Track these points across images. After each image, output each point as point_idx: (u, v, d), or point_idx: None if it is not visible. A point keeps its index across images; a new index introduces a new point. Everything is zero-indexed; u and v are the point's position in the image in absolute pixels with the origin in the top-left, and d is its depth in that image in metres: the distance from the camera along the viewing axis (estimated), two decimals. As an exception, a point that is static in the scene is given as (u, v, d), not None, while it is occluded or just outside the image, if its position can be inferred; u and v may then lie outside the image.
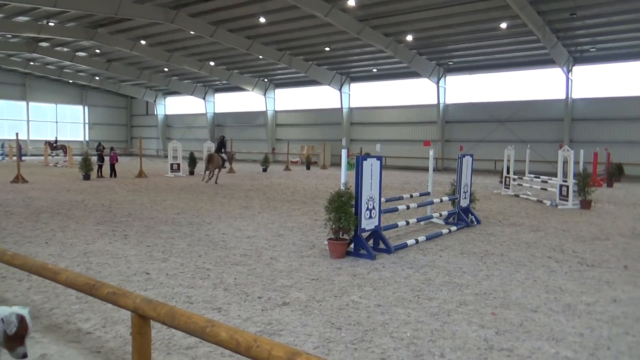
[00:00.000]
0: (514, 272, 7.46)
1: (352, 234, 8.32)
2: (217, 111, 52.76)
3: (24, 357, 3.33)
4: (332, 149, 40.37)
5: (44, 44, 39.32)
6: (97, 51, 40.71)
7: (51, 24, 32.10)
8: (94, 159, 24.45)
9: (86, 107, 58.66)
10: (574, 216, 13.54)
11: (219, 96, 52.67)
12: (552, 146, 29.26)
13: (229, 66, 42.35)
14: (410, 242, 9.23)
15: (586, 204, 15.01)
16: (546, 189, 17.64)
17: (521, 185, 19.37)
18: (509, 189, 19.27)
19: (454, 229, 10.95)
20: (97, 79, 51.83)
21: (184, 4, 28.05)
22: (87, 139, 58.23)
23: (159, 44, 37.03)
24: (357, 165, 8.30)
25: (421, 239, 9.59)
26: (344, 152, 8.80)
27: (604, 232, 11.13)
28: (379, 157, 8.73)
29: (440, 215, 11.76)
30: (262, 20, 28.52)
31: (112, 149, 26.17)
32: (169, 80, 49.46)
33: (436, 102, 36.24)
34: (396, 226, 9.82)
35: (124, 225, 11.18)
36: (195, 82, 50.22)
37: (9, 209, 13.29)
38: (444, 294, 6.36)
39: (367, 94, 41.25)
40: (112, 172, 24.65)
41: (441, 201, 11.78)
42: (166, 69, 45.51)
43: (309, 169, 35.20)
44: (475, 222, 11.86)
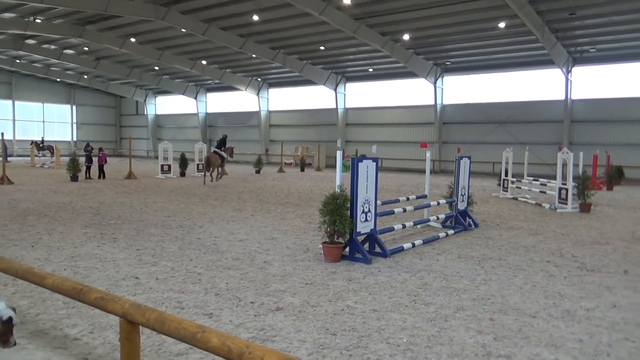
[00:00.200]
0: (513, 277, 7.41)
1: (347, 238, 8.24)
2: (209, 111, 52.39)
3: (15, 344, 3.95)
4: (327, 151, 40.36)
5: (30, 41, 38.73)
6: (86, 49, 40.23)
7: (38, 21, 31.70)
8: (82, 159, 24.20)
9: (74, 107, 57.95)
10: (573, 220, 13.52)
11: (211, 96, 52.30)
12: (551, 148, 29.23)
13: (221, 65, 42.05)
14: (406, 245, 9.15)
15: (586, 208, 14.98)
16: (545, 192, 17.62)
17: (520, 188, 19.34)
18: (507, 191, 19.21)
19: (451, 232, 10.90)
20: (85, 77, 51.23)
21: (176, 1, 27.78)
22: (75, 139, 57.49)
23: (150, 41, 36.60)
24: (352, 167, 8.23)
25: (418, 242, 9.53)
26: (339, 154, 8.77)
27: (604, 236, 11.12)
28: (375, 159, 8.71)
29: (437, 218, 11.69)
30: (256, 18, 28.34)
31: (100, 149, 25.92)
32: (160, 79, 49.03)
33: (433, 102, 36.04)
34: (392, 229, 9.75)
35: (112, 228, 11.05)
36: (186, 81, 49.83)
37: (-5, 210, 13.09)
38: (441, 299, 6.30)
39: (362, 94, 41.02)
40: (101, 173, 24.43)
41: (438, 204, 11.75)
42: (157, 68, 45.09)
43: (303, 170, 35.02)
44: (473, 226, 11.82)
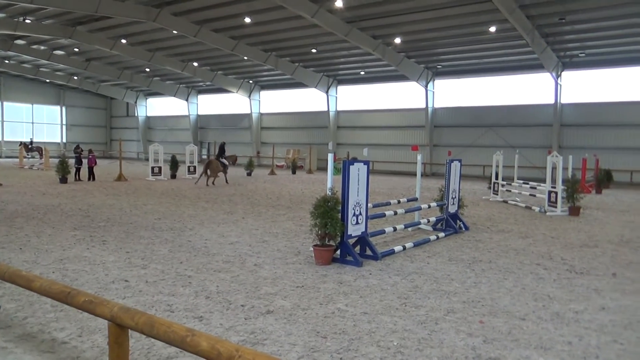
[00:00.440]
0: (502, 280, 7.43)
1: (338, 240, 8.22)
2: (201, 113, 52.20)
3: None
4: (318, 153, 40.34)
5: (20, 42, 38.37)
6: (76, 50, 39.94)
7: (28, 21, 31.40)
8: (72, 161, 23.92)
9: (64, 108, 57.53)
10: (562, 223, 13.60)
11: (202, 98, 52.11)
12: (541, 152, 29.39)
13: (213, 67, 41.94)
14: (397, 248, 9.15)
15: (575, 211, 15.07)
16: (535, 195, 17.70)
17: (510, 191, 19.41)
18: (497, 195, 19.28)
19: (442, 235, 10.90)
20: (75, 78, 50.82)
21: (167, 2, 27.66)
22: (64, 140, 57.04)
23: (141, 43, 36.42)
24: (343, 169, 8.22)
25: (409, 245, 9.52)
26: (330, 157, 8.74)
27: (593, 239, 11.19)
28: (366, 162, 8.69)
29: (428, 221, 11.71)
30: (248, 20, 28.32)
31: (90, 151, 25.65)
32: (151, 80, 48.76)
33: (424, 106, 36.21)
34: (383, 232, 9.74)
35: (102, 230, 10.95)
36: (177, 83, 49.62)
37: (-18, 212, 12.93)
38: (432, 301, 6.30)
39: (354, 97, 41.13)
40: (91, 175, 24.17)
41: (429, 207, 11.75)
42: (148, 69, 44.86)
43: (294, 173, 34.98)
44: (463, 229, 11.84)
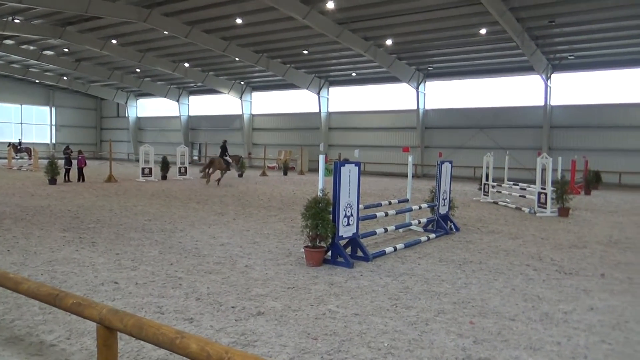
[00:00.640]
0: (492, 280, 7.47)
1: (329, 242, 8.22)
2: (192, 114, 51.99)
3: None
4: (310, 154, 40.32)
5: (8, 42, 37.93)
6: (66, 50, 39.55)
7: (17, 21, 31.08)
8: (61, 162, 23.74)
9: (53, 108, 57.01)
10: (552, 224, 13.71)
11: (193, 99, 51.89)
12: (531, 153, 29.58)
13: (204, 68, 41.78)
14: (388, 249, 9.16)
15: (564, 212, 15.19)
16: (525, 197, 17.78)
17: (500, 192, 19.50)
18: (487, 196, 19.37)
19: (432, 236, 10.94)
20: (65, 79, 50.35)
21: (158, 3, 27.49)
22: (54, 141, 56.46)
23: (131, 43, 36.15)
24: (335, 171, 8.23)
25: (400, 246, 9.54)
26: (321, 158, 8.75)
27: (582, 239, 11.29)
28: (358, 163, 8.70)
29: (419, 222, 11.74)
30: (239, 21, 28.24)
31: (80, 152, 25.31)
32: (141, 81, 48.43)
33: (415, 107, 36.37)
34: (374, 233, 9.77)
35: (91, 232, 10.86)
36: (168, 83, 49.34)
37: (-31, 214, 12.78)
38: (422, 302, 6.33)
39: (346, 99, 41.18)
40: (80, 176, 23.95)
41: (420, 208, 11.79)
42: (138, 70, 44.55)
43: (286, 174, 34.94)
44: (454, 230, 11.89)
